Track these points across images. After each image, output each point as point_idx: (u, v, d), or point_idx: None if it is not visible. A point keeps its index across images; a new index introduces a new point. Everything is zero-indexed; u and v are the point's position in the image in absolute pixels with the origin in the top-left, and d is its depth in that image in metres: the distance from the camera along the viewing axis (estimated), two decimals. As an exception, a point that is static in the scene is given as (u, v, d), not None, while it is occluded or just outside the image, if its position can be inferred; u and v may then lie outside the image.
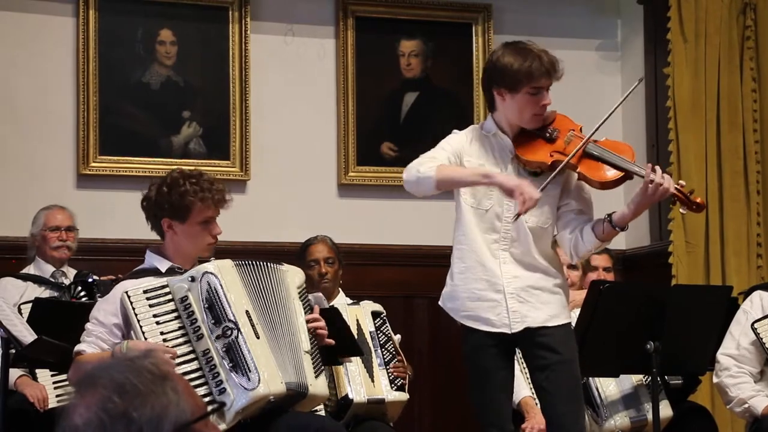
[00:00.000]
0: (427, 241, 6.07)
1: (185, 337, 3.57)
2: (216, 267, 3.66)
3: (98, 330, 3.65)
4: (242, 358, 3.54)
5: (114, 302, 3.66)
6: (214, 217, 3.78)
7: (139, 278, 3.71)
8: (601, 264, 5.21)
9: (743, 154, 5.99)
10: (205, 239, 3.78)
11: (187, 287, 3.60)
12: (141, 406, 1.58)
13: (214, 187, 3.76)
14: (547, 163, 3.68)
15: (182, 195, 3.71)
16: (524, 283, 3.67)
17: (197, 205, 3.71)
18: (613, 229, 3.65)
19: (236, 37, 6.05)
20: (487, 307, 3.67)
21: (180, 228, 3.75)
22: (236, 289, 3.65)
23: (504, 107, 3.70)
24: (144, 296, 3.58)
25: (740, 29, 6.07)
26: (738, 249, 5.91)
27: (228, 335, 3.56)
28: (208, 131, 6.02)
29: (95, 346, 3.64)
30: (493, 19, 6.42)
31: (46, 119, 5.82)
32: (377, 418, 4.64)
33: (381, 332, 4.81)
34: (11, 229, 5.54)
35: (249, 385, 3.51)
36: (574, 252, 3.74)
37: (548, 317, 3.66)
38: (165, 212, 3.75)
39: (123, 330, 3.64)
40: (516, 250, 3.68)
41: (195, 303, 3.58)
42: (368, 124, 6.24)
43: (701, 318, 4.36)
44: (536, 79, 3.62)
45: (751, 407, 4.41)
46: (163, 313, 3.58)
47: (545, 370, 3.65)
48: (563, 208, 3.76)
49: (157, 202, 3.76)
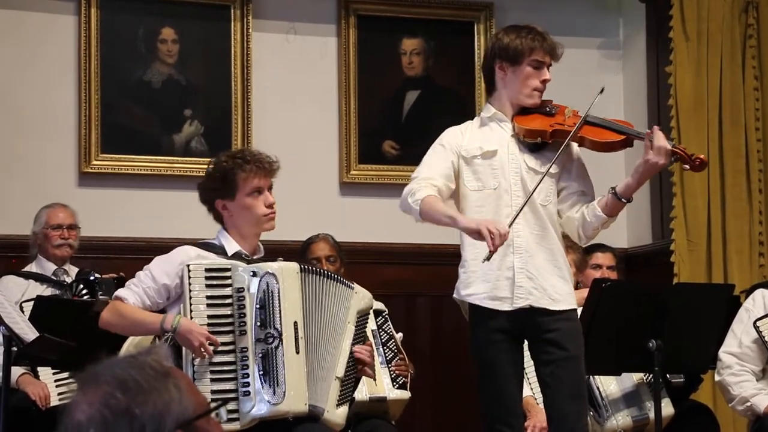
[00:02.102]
0: (429, 240, 6.06)
1: (230, 327, 3.55)
2: (280, 269, 3.62)
3: (148, 284, 3.63)
4: (275, 369, 3.52)
5: (175, 264, 3.62)
6: (263, 187, 3.73)
7: (206, 251, 3.68)
8: (605, 263, 5.21)
9: (745, 152, 5.98)
10: (259, 209, 3.72)
11: (247, 280, 3.56)
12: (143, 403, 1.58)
13: (257, 156, 3.74)
14: (547, 131, 3.71)
15: (225, 171, 3.70)
16: (534, 261, 3.68)
17: (240, 176, 3.68)
18: (619, 201, 3.68)
19: (238, 35, 6.05)
20: (502, 286, 3.67)
21: (232, 205, 3.71)
22: (292, 296, 3.62)
23: (505, 83, 3.76)
24: (204, 274, 3.55)
25: (742, 28, 6.06)
26: (740, 247, 5.91)
27: (269, 342, 3.54)
28: (209, 129, 6.02)
29: (139, 298, 3.62)
30: (495, 17, 6.42)
31: (48, 117, 5.82)
32: (379, 417, 4.64)
33: (383, 330, 4.81)
34: (13, 227, 5.54)
35: (273, 399, 3.50)
36: (581, 231, 3.76)
37: (551, 300, 3.67)
38: (216, 193, 3.73)
39: (171, 293, 3.62)
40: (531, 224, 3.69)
41: (249, 298, 3.56)
42: (370, 122, 6.24)
43: (703, 316, 4.36)
44: (538, 51, 3.72)
45: (753, 405, 4.41)
46: (217, 297, 3.55)
47: (550, 365, 3.65)
48: (565, 190, 3.79)
49: (207, 186, 3.75)
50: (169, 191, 5.81)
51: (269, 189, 3.77)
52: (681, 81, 6.01)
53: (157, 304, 3.65)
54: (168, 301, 3.65)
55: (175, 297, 3.63)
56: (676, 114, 5.99)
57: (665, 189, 6.09)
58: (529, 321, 3.67)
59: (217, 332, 3.52)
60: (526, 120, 3.74)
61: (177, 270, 3.60)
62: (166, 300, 3.65)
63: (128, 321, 3.59)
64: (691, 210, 5.92)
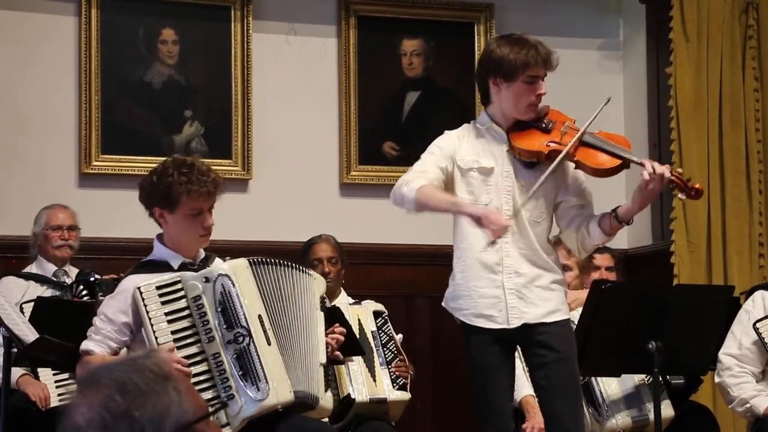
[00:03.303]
0: (429, 241, 6.06)
1: (196, 337, 3.52)
2: (231, 268, 3.59)
3: (107, 328, 3.59)
4: (253, 366, 3.50)
5: (124, 299, 3.59)
6: (204, 209, 3.66)
7: (149, 273, 3.63)
8: (604, 264, 5.20)
9: (745, 153, 5.99)
10: (196, 230, 3.67)
11: (201, 287, 3.52)
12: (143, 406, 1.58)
13: (204, 178, 3.64)
14: (544, 152, 3.67)
15: (169, 185, 3.62)
16: (524, 279, 3.67)
17: (183, 197, 3.62)
18: (619, 224, 3.67)
19: (238, 36, 6.05)
20: (489, 304, 3.67)
21: (170, 218, 3.66)
22: (250, 291, 3.59)
23: (499, 98, 3.70)
24: (156, 292, 3.50)
25: (742, 29, 6.06)
26: (740, 248, 5.91)
27: (240, 342, 3.51)
28: (210, 130, 6.02)
29: (103, 345, 3.58)
30: (495, 18, 6.42)
31: (48, 118, 5.82)
32: (379, 418, 4.65)
33: (383, 332, 4.81)
34: (13, 227, 5.54)
35: (258, 395, 3.48)
36: (581, 247, 3.76)
37: (546, 313, 3.66)
38: (155, 201, 3.67)
39: (132, 328, 3.58)
40: (519, 243, 3.68)
41: (208, 305, 3.52)
42: (370, 123, 6.24)
43: (703, 318, 4.36)
44: (532, 67, 3.64)
45: (752, 407, 4.41)
46: (175, 311, 3.51)
47: (543, 368, 3.66)
48: (564, 204, 3.76)
49: (148, 191, 3.69)
50: (169, 192, 5.81)
51: (210, 209, 3.70)
52: (681, 81, 6.01)
53: (123, 343, 3.60)
54: (132, 336, 3.60)
55: (137, 330, 3.58)
56: (676, 115, 5.99)
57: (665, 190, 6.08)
58: (521, 330, 3.68)
59: (184, 345, 3.49)
60: (523, 138, 3.68)
61: (129, 303, 3.56)
62: (130, 336, 3.60)
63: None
64: (691, 211, 5.92)
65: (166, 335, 3.49)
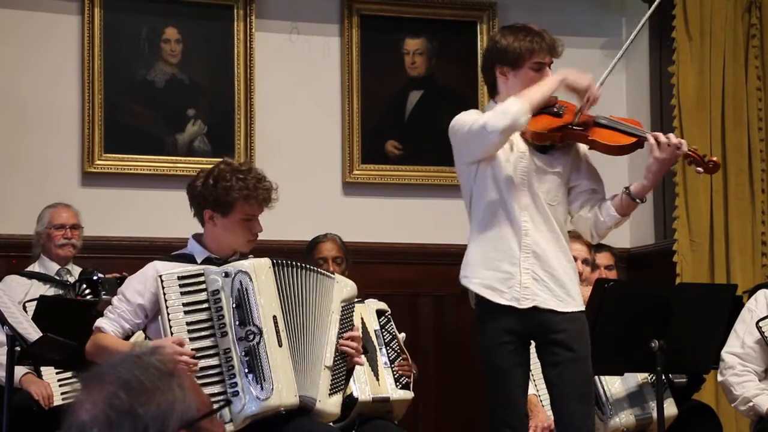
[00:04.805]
0: (432, 240, 6.07)
1: (210, 330, 3.55)
2: (252, 267, 3.62)
3: (122, 307, 3.65)
4: (260, 365, 3.52)
5: (144, 281, 3.65)
6: (256, 215, 3.77)
7: (175, 262, 3.70)
8: (603, 262, 5.19)
9: (748, 152, 5.98)
10: (245, 236, 3.76)
11: (220, 282, 3.56)
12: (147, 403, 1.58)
13: (261, 185, 3.75)
14: (557, 135, 3.68)
15: (227, 190, 3.70)
16: (541, 261, 3.64)
17: (240, 202, 3.71)
18: (633, 201, 3.66)
19: (241, 35, 6.06)
20: (501, 278, 3.64)
21: (221, 221, 3.73)
22: (268, 291, 3.62)
23: (507, 87, 3.70)
24: (177, 282, 3.55)
25: (745, 27, 6.06)
26: (743, 247, 5.90)
27: (250, 340, 3.54)
28: (213, 129, 6.02)
29: (116, 324, 3.64)
30: (498, 17, 6.42)
31: (51, 117, 5.82)
32: (382, 417, 4.65)
33: (386, 330, 4.81)
34: (16, 226, 5.54)
35: (262, 394, 3.49)
36: (594, 230, 3.75)
37: (558, 302, 3.64)
38: (208, 204, 3.73)
39: (147, 312, 3.64)
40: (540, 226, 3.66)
41: (225, 300, 3.56)
42: (373, 122, 6.24)
43: (706, 316, 4.36)
44: (537, 54, 3.66)
45: (755, 406, 4.41)
46: (193, 303, 3.56)
47: (558, 367, 3.63)
48: (576, 189, 3.76)
49: (202, 193, 3.74)
50: (172, 191, 5.79)
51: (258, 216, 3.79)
52: (684, 80, 6.00)
53: (137, 325, 3.67)
54: (146, 319, 3.66)
55: (152, 315, 3.64)
56: (679, 113, 5.99)
57: (668, 189, 6.09)
58: (536, 322, 3.65)
59: (198, 337, 3.53)
60: (535, 122, 3.69)
61: (148, 287, 3.62)
62: (144, 319, 3.66)
63: (105, 351, 3.57)
64: (694, 210, 5.92)
65: (181, 325, 3.53)
